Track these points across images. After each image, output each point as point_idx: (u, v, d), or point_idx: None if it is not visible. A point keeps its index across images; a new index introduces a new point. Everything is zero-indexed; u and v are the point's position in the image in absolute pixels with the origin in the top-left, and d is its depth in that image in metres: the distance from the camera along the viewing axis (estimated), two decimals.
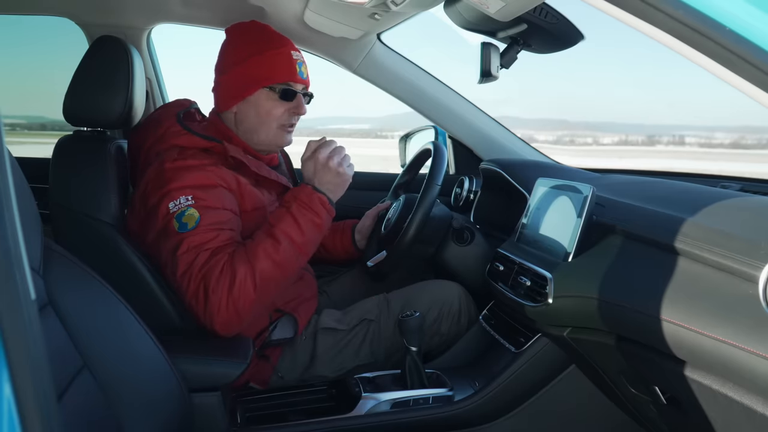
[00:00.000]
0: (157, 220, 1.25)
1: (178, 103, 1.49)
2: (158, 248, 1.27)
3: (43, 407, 0.44)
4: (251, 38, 1.40)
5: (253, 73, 1.37)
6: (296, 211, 1.28)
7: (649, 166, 12.55)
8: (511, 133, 2.01)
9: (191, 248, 1.21)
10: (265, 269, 1.22)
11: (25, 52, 6.95)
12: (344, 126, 44.11)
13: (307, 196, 1.30)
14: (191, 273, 1.20)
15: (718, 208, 1.01)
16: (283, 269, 1.25)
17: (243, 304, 1.19)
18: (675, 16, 0.75)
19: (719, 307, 0.83)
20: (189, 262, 1.20)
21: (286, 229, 1.26)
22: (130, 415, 0.94)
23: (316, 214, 1.29)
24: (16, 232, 0.44)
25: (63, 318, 0.88)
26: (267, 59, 1.37)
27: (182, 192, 1.24)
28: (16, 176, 0.79)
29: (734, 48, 0.73)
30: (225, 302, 1.18)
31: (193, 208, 1.23)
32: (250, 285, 1.20)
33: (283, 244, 1.24)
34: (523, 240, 1.38)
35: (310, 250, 1.31)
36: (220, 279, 1.18)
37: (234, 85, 1.38)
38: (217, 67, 1.43)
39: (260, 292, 1.21)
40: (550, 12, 1.30)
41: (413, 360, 1.34)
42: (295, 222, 1.27)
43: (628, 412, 1.27)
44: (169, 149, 1.31)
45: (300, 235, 1.27)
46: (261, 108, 1.39)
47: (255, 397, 1.37)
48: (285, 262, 1.24)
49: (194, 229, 1.21)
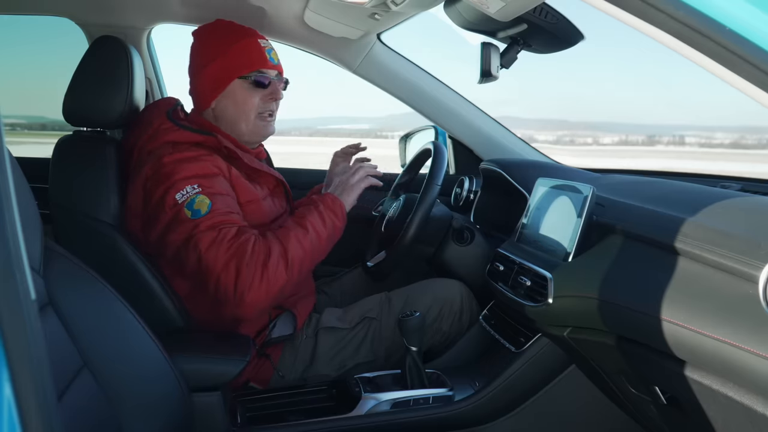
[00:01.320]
0: (164, 213, 1.25)
1: (165, 102, 1.49)
2: (166, 241, 1.26)
3: (43, 407, 0.43)
4: (218, 35, 1.42)
5: (225, 67, 1.39)
6: (323, 209, 1.38)
7: (649, 166, 12.56)
8: (511, 133, 2.01)
9: (213, 226, 1.23)
10: (296, 253, 1.28)
11: (25, 52, 6.95)
12: (344, 126, 44.06)
13: (332, 201, 1.41)
14: (219, 248, 1.21)
15: (718, 208, 1.01)
16: (309, 258, 1.31)
17: (275, 283, 1.23)
18: (676, 16, 0.75)
19: (719, 307, 0.83)
20: (214, 237, 1.22)
21: (313, 221, 1.35)
22: (130, 415, 0.94)
23: (337, 217, 1.39)
24: (16, 232, 0.44)
25: (63, 318, 0.88)
26: (236, 51, 1.39)
27: (187, 182, 1.25)
28: (16, 176, 0.79)
29: (734, 48, 0.73)
30: (259, 277, 1.21)
31: (202, 195, 1.24)
32: (283, 265, 1.24)
33: (310, 233, 1.32)
34: (523, 240, 1.38)
35: (326, 249, 1.38)
36: (253, 254, 1.22)
37: (209, 82, 1.40)
38: (190, 70, 1.45)
39: (291, 274, 1.26)
40: (550, 12, 1.30)
41: (413, 360, 1.34)
42: (321, 218, 1.36)
43: (628, 412, 1.27)
44: (163, 146, 1.32)
45: (323, 230, 1.35)
46: (238, 98, 1.40)
47: (255, 396, 1.37)
48: (310, 252, 1.31)
49: (208, 213, 1.23)
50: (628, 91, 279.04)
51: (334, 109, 75.90)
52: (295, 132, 6.94)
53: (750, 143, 31.52)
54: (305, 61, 1.49)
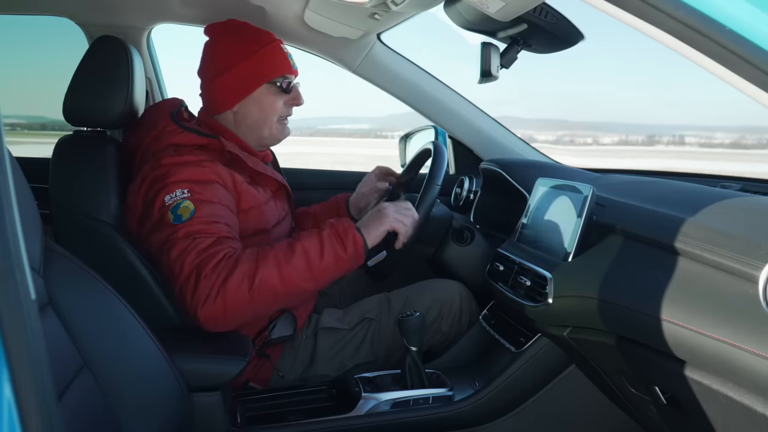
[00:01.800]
0: (153, 213, 1.25)
1: (170, 103, 1.49)
2: (150, 241, 1.26)
3: (43, 407, 0.44)
4: (242, 38, 1.41)
5: (255, 70, 1.38)
6: (326, 235, 1.25)
7: (649, 166, 12.56)
8: (511, 133, 2.01)
9: (188, 235, 1.20)
10: (268, 276, 1.17)
11: (25, 52, 6.95)
12: (344, 126, 44.10)
13: (344, 230, 1.26)
14: (186, 256, 1.18)
15: (718, 208, 1.01)
16: (285, 284, 1.19)
17: (233, 302, 1.15)
18: (676, 16, 0.75)
19: (719, 307, 0.83)
20: (185, 246, 1.19)
21: (307, 246, 1.23)
22: (130, 415, 0.94)
23: (343, 248, 1.24)
24: (16, 232, 0.44)
25: (63, 318, 0.88)
26: (264, 55, 1.39)
27: (179, 185, 1.24)
28: (16, 176, 0.79)
29: (734, 48, 0.73)
30: (215, 293, 1.14)
31: (188, 201, 1.23)
32: (246, 285, 1.16)
33: (296, 258, 1.20)
34: (523, 240, 1.38)
35: (322, 280, 1.24)
36: (216, 268, 1.16)
37: (235, 85, 1.38)
38: (208, 70, 1.42)
39: (254, 297, 1.16)
40: (550, 12, 1.30)
41: (413, 360, 1.34)
42: (320, 244, 1.23)
43: (628, 412, 1.27)
44: (166, 148, 1.31)
45: (318, 259, 1.22)
46: (264, 103, 1.40)
47: (255, 396, 1.37)
48: (290, 278, 1.19)
49: (189, 220, 1.20)
50: (628, 91, 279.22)
51: (335, 109, 76.03)
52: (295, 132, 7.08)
53: (750, 143, 31.53)
54: (305, 61, 1.49)
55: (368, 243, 1.28)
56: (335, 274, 1.25)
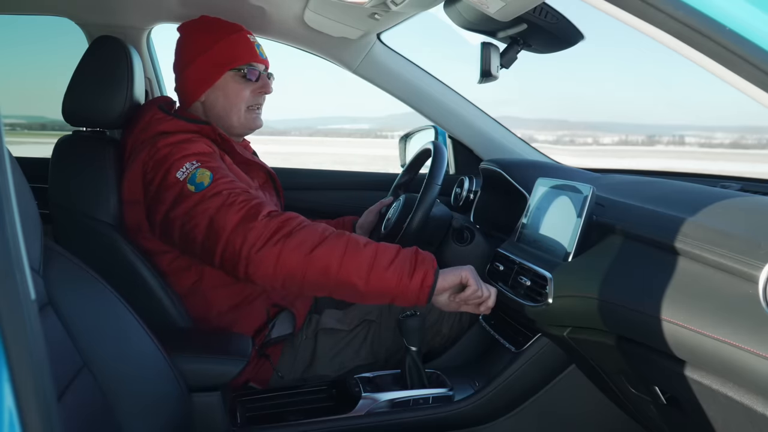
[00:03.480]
0: (167, 194, 1.23)
1: (157, 99, 1.49)
2: (171, 218, 1.22)
3: (43, 407, 0.44)
4: (207, 28, 1.43)
5: (218, 59, 1.40)
6: (404, 253, 1.16)
7: (649, 166, 12.56)
8: (511, 133, 2.01)
9: (218, 193, 1.18)
10: (330, 252, 1.12)
11: (25, 52, 6.96)
12: (344, 126, 44.05)
13: (422, 260, 1.16)
14: (229, 209, 1.15)
15: (718, 208, 1.01)
16: (341, 269, 1.12)
17: (288, 257, 1.10)
18: (676, 16, 0.75)
19: (719, 307, 0.83)
20: (221, 202, 1.16)
21: (382, 249, 1.15)
22: (130, 415, 0.94)
23: (410, 275, 1.13)
24: (16, 232, 0.44)
25: (63, 318, 0.88)
26: (228, 44, 1.40)
27: (185, 160, 1.24)
28: (16, 176, 0.79)
29: (734, 48, 0.73)
30: (277, 239, 1.11)
31: (202, 168, 1.23)
32: (307, 248, 1.11)
33: (365, 252, 1.13)
34: (523, 240, 1.38)
35: (373, 288, 1.13)
36: (275, 216, 1.15)
37: (200, 74, 1.40)
38: (177, 64, 1.45)
39: (308, 264, 1.11)
40: (550, 12, 1.30)
41: (413, 360, 1.34)
42: (394, 256, 1.14)
43: (628, 412, 1.27)
44: (156, 135, 1.31)
45: (383, 267, 1.12)
46: (229, 90, 1.41)
47: (255, 397, 1.37)
48: (349, 266, 1.12)
49: (212, 183, 1.20)
50: (628, 91, 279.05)
51: (335, 109, 75.69)
52: (295, 132, 6.90)
53: (750, 143, 31.55)
54: (305, 61, 1.49)
55: (436, 287, 1.16)
56: (389, 293, 1.14)
